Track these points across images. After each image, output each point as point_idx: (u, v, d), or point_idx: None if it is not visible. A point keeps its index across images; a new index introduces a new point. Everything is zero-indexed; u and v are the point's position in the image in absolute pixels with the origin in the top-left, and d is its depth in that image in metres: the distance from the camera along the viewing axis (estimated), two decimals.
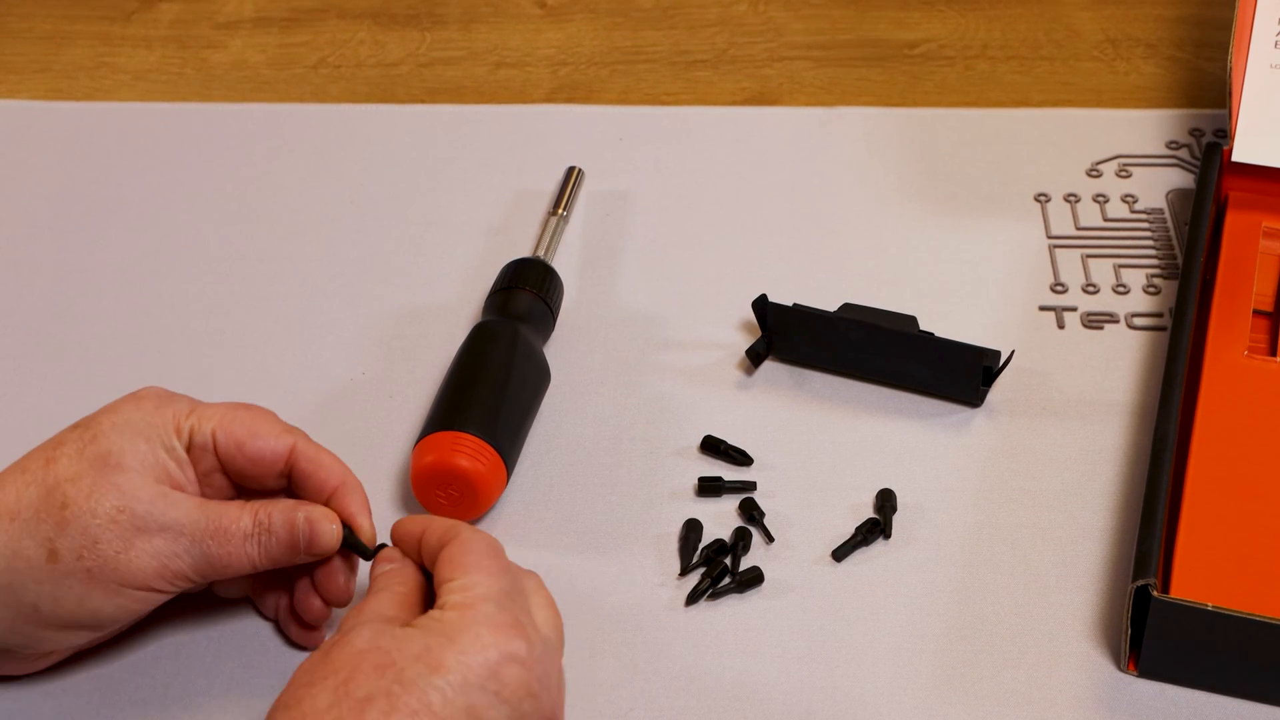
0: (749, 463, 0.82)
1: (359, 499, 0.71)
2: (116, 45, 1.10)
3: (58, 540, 0.66)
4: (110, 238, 0.95)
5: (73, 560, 0.66)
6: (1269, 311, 0.86)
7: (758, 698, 0.72)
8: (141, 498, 0.67)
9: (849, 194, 0.97)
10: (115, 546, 0.66)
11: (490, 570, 0.64)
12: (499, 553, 0.65)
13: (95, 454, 0.67)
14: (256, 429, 0.70)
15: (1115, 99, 1.04)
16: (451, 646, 0.61)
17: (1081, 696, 0.72)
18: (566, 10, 1.12)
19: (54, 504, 0.66)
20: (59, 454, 0.68)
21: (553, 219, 0.93)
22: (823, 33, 1.10)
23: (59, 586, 0.66)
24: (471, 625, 0.61)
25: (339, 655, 0.61)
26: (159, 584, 0.67)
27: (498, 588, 0.63)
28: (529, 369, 0.82)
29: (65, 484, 0.66)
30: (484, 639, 0.61)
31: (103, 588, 0.66)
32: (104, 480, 0.67)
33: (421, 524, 0.68)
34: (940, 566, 0.78)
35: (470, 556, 0.64)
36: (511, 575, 0.65)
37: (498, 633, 0.61)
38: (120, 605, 0.67)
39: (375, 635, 0.62)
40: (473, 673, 0.60)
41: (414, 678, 0.60)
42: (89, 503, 0.66)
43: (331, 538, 0.70)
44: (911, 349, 0.84)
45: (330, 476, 0.71)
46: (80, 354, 0.88)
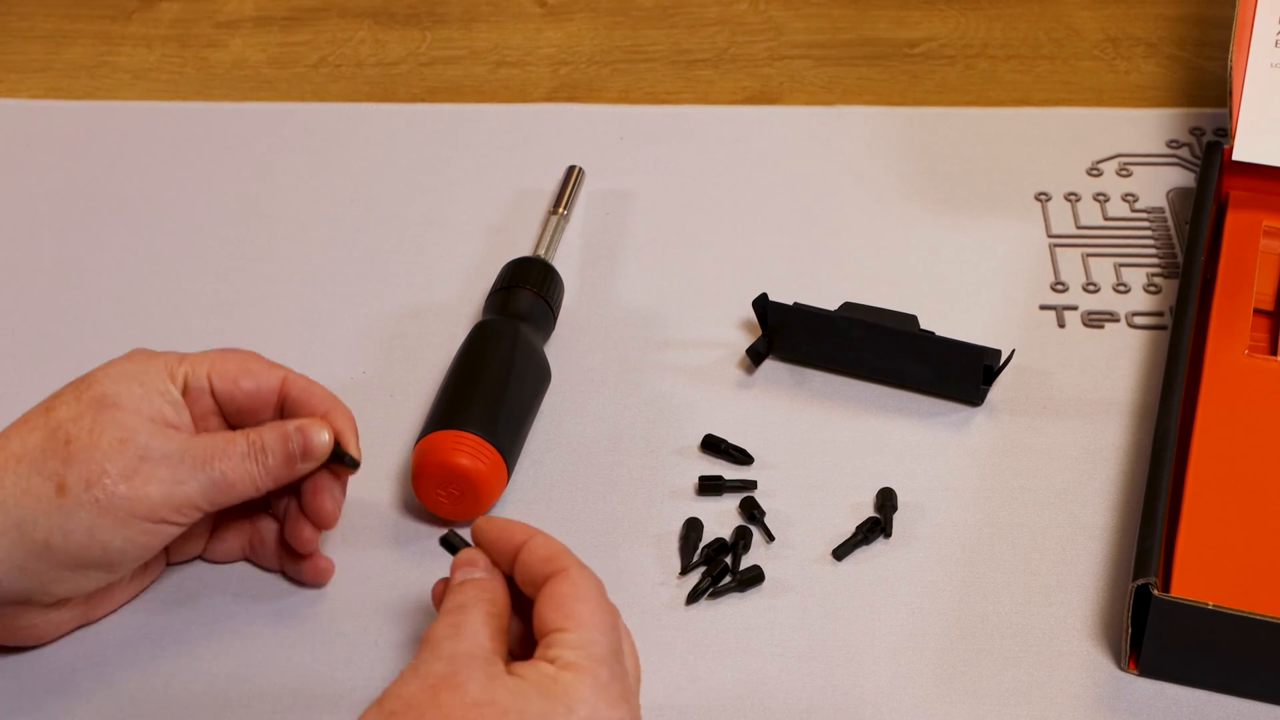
0: (749, 462, 0.82)
1: (347, 420, 0.73)
2: (117, 44, 1.10)
3: (65, 473, 0.67)
4: (111, 237, 0.95)
5: (81, 491, 0.67)
6: (1269, 310, 0.86)
7: (758, 696, 0.73)
8: (142, 430, 0.69)
9: (849, 193, 0.97)
10: (122, 474, 0.67)
11: (603, 627, 0.62)
12: (603, 598, 0.64)
13: (93, 397, 0.69)
14: (249, 366, 0.73)
15: (1116, 98, 1.04)
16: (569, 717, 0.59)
17: (1082, 695, 0.72)
18: (567, 9, 1.12)
19: (58, 441, 0.68)
20: (57, 402, 0.70)
21: (553, 218, 0.93)
22: (823, 32, 1.10)
23: (69, 519, 0.67)
24: (590, 696, 0.60)
25: (450, 701, 0.59)
26: (167, 512, 0.69)
27: (609, 648, 0.62)
28: (529, 368, 0.82)
29: (67, 423, 0.68)
30: (600, 713, 0.60)
31: (112, 518, 0.67)
32: (104, 416, 0.68)
33: (521, 535, 0.66)
34: (941, 565, 0.78)
35: (583, 605, 0.63)
36: (616, 629, 0.64)
37: (611, 706, 0.60)
38: (129, 538, 0.68)
39: (489, 684, 0.60)
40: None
41: None
42: (91, 437, 0.68)
43: (324, 439, 0.72)
44: (912, 348, 0.84)
45: (320, 404, 0.73)
46: (81, 353, 0.88)
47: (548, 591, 0.64)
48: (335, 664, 0.74)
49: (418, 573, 0.77)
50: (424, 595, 0.76)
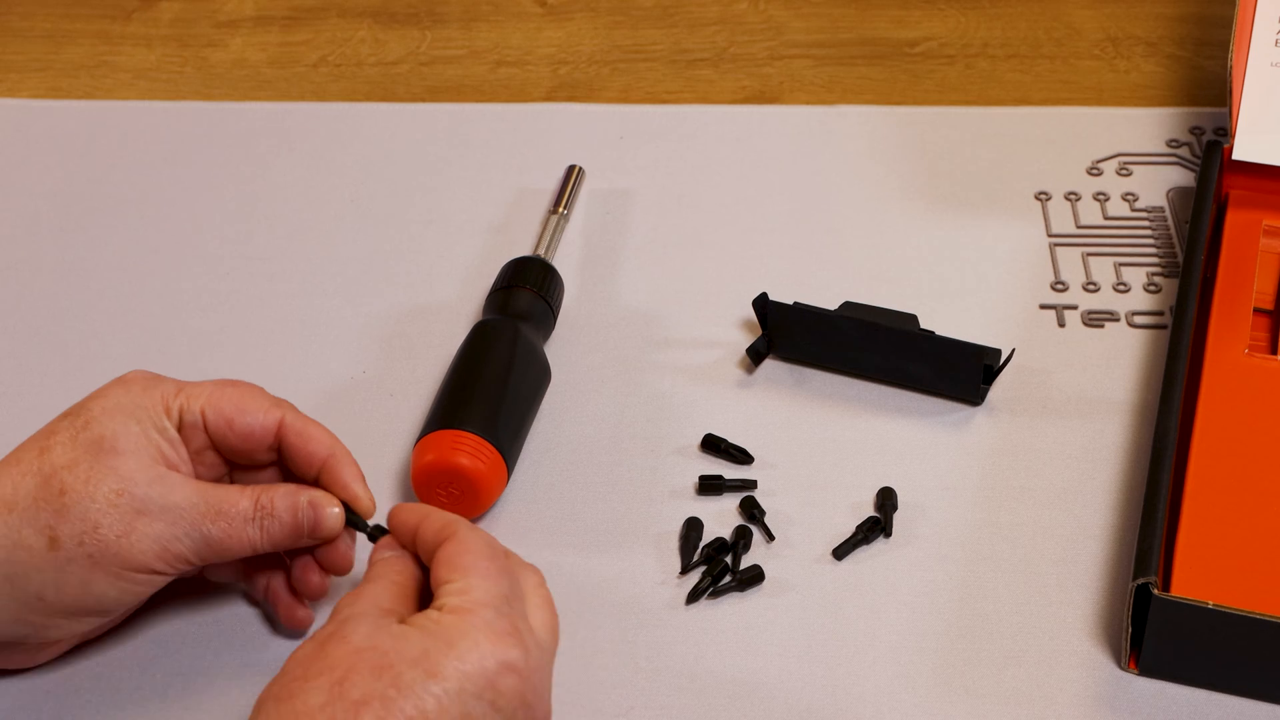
0: (749, 461, 0.82)
1: (351, 469, 0.71)
2: (117, 44, 1.10)
3: (58, 527, 0.66)
4: (110, 236, 0.95)
5: (74, 546, 0.66)
6: (1269, 310, 0.86)
7: (758, 696, 0.72)
8: (140, 480, 0.67)
9: (849, 192, 0.97)
10: (116, 530, 0.66)
11: (488, 573, 0.63)
12: (497, 552, 0.65)
13: (89, 440, 0.67)
14: (244, 405, 0.71)
15: (1116, 97, 1.04)
16: (450, 653, 0.60)
17: (1082, 694, 0.72)
18: (567, 9, 1.12)
19: (52, 491, 0.66)
20: (52, 443, 0.68)
21: (553, 217, 0.93)
22: (823, 31, 1.10)
23: (62, 573, 0.66)
24: (470, 631, 0.61)
25: (335, 651, 0.60)
26: (160, 566, 0.68)
27: (496, 592, 0.62)
28: (529, 367, 0.82)
29: (62, 471, 0.67)
30: (482, 647, 0.60)
31: (105, 572, 0.67)
32: (100, 464, 0.67)
33: (418, 515, 0.67)
34: (941, 565, 0.78)
35: (468, 557, 0.63)
36: (510, 577, 0.64)
37: (496, 641, 0.61)
38: (123, 588, 0.67)
39: (373, 632, 0.61)
40: (470, 681, 0.60)
41: (410, 683, 0.59)
42: (87, 488, 0.66)
43: (335, 521, 0.70)
44: (912, 347, 0.83)
45: (319, 448, 0.71)
46: (81, 352, 0.88)
47: (439, 554, 0.64)
48: None
49: None
50: None
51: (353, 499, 0.71)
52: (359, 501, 0.71)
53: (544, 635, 0.64)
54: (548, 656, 0.64)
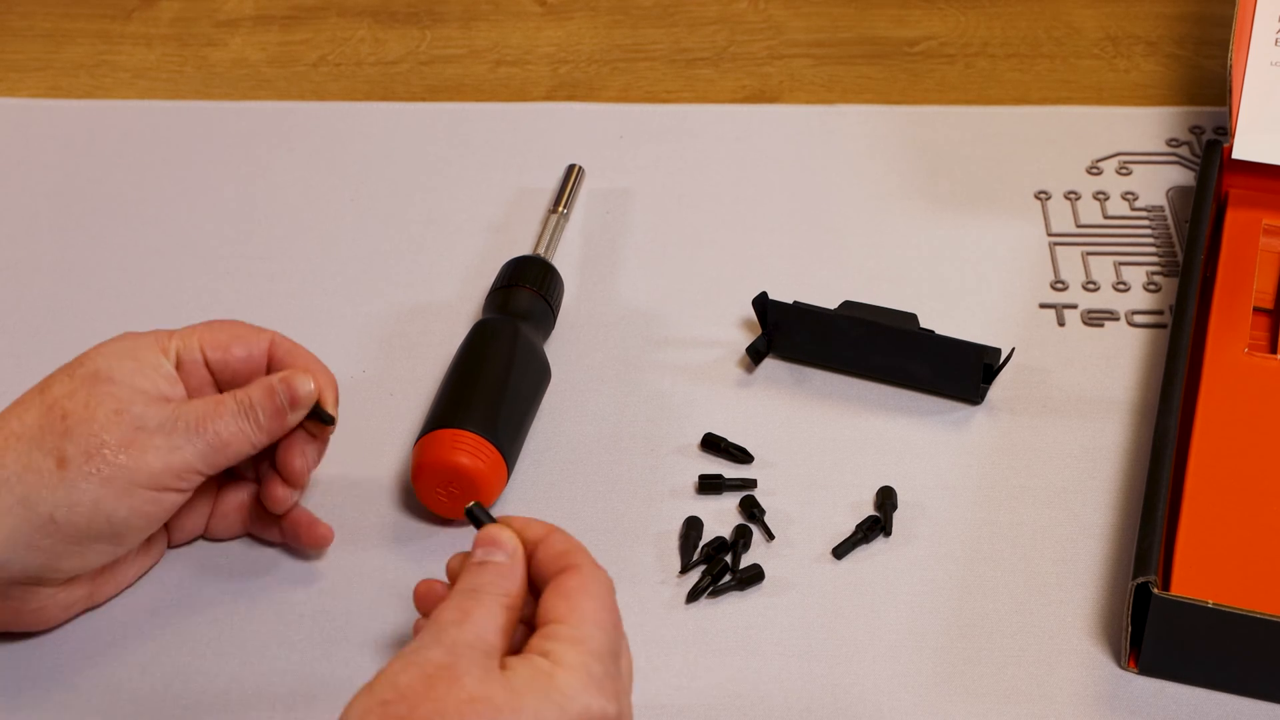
0: (749, 460, 0.82)
1: (327, 379, 0.75)
2: (117, 43, 1.10)
3: (65, 447, 0.68)
4: (110, 236, 0.95)
5: (82, 463, 0.68)
6: (1269, 309, 0.86)
7: (758, 695, 0.73)
8: (137, 401, 0.70)
9: (849, 192, 0.97)
10: (120, 445, 0.69)
11: (604, 625, 0.62)
12: (612, 597, 0.64)
13: (86, 373, 0.71)
14: (238, 333, 0.75)
15: (1115, 96, 1.04)
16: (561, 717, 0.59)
17: (1082, 694, 0.72)
18: (567, 8, 1.12)
19: (55, 417, 0.69)
20: (51, 382, 0.71)
21: (553, 217, 0.93)
22: (823, 30, 1.10)
23: (72, 492, 0.68)
24: (581, 694, 0.59)
25: (446, 695, 0.58)
26: (168, 479, 0.70)
27: (607, 647, 0.62)
28: (529, 367, 0.82)
29: (62, 399, 0.69)
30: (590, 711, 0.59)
31: (114, 489, 0.68)
32: (98, 390, 0.70)
33: (541, 531, 0.65)
34: (941, 564, 0.78)
35: (588, 601, 0.62)
36: (617, 627, 0.63)
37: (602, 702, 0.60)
38: (133, 507, 0.69)
39: (485, 680, 0.59)
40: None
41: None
42: (87, 410, 0.69)
43: (309, 387, 0.73)
44: (912, 346, 0.84)
45: (303, 361, 0.75)
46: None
47: (555, 583, 0.63)
48: (335, 662, 0.74)
49: (418, 571, 0.77)
50: None
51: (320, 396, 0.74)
52: (325, 398, 0.74)
53: (629, 682, 0.64)
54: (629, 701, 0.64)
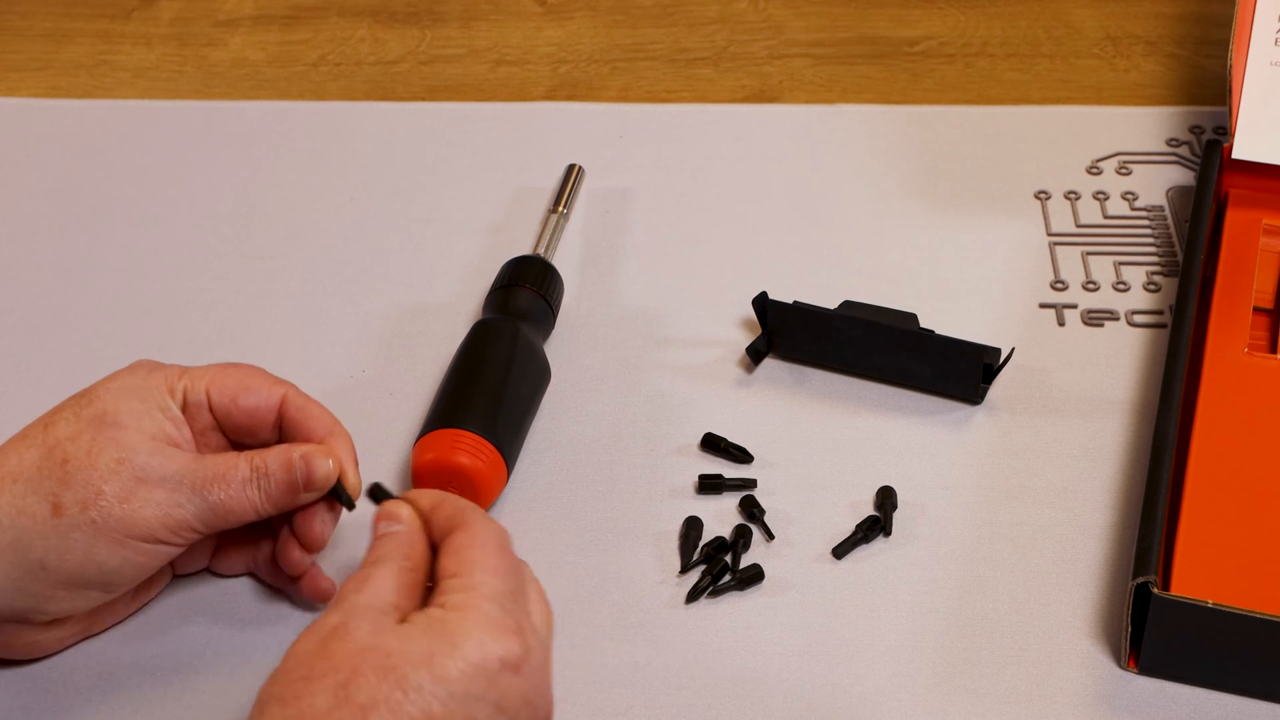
0: (749, 460, 0.82)
1: (347, 447, 0.72)
2: (116, 43, 1.10)
3: (61, 494, 0.67)
4: (110, 235, 0.95)
5: (77, 512, 0.67)
6: (1269, 309, 0.86)
7: (758, 695, 0.73)
8: (141, 450, 0.68)
9: (849, 191, 0.97)
10: (118, 496, 0.67)
11: (495, 569, 0.63)
12: (506, 546, 0.64)
13: (92, 415, 0.69)
14: (248, 383, 0.72)
15: (1115, 96, 1.04)
16: (454, 654, 0.60)
17: (1082, 693, 0.72)
18: (566, 8, 1.12)
19: (55, 461, 0.67)
20: (56, 418, 0.69)
21: (553, 217, 0.93)
22: (823, 30, 1.10)
23: (65, 540, 0.67)
24: (473, 631, 0.60)
25: (339, 650, 0.60)
26: (163, 534, 0.68)
27: (502, 588, 0.62)
28: (529, 367, 0.82)
29: (65, 442, 0.68)
30: (486, 647, 0.60)
31: (108, 539, 0.67)
32: (102, 436, 0.68)
33: (434, 499, 0.66)
34: (940, 564, 0.78)
35: (476, 551, 0.63)
36: (517, 573, 0.64)
37: (499, 638, 0.60)
38: (126, 558, 0.68)
39: (376, 631, 0.60)
40: (474, 683, 0.60)
41: (416, 685, 0.59)
42: (89, 457, 0.67)
43: (327, 471, 0.71)
44: (912, 346, 0.84)
45: (319, 425, 0.72)
46: (81, 351, 0.88)
47: (448, 543, 0.64)
48: None
49: None
50: None
51: (342, 475, 0.72)
52: (347, 479, 0.72)
53: (543, 629, 0.64)
54: (546, 650, 0.64)
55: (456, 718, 0.59)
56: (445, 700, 0.59)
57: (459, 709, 0.59)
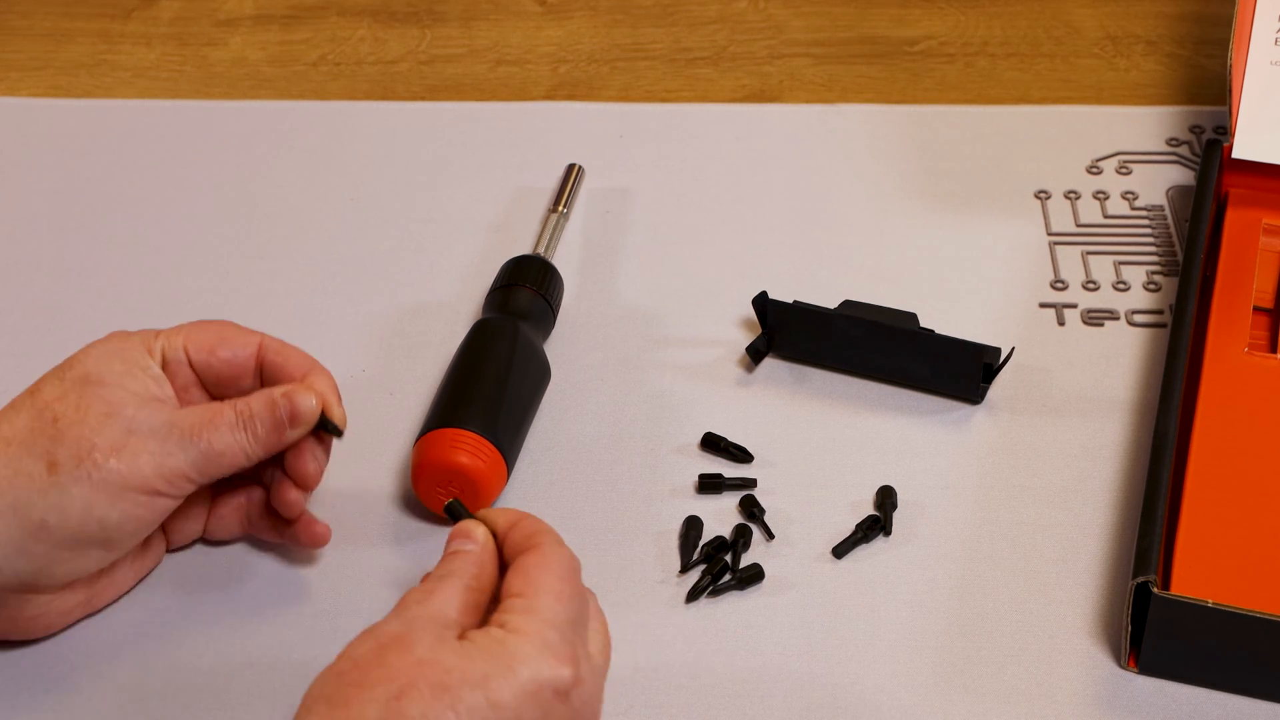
0: (749, 460, 0.82)
1: (327, 381, 0.74)
2: (117, 42, 1.10)
3: (55, 451, 0.68)
4: (111, 235, 0.95)
5: (73, 467, 0.67)
6: (1269, 308, 0.86)
7: (758, 694, 0.72)
8: (129, 404, 0.69)
9: (849, 191, 0.97)
10: (111, 448, 0.68)
11: (560, 594, 0.63)
12: (574, 573, 0.64)
13: (76, 376, 0.70)
14: (224, 335, 0.74)
15: (1115, 96, 1.04)
16: (510, 678, 0.59)
17: (1082, 693, 0.72)
18: (567, 7, 1.12)
19: (45, 421, 0.68)
20: (41, 385, 0.71)
21: (553, 216, 0.93)
22: (823, 30, 1.10)
23: (63, 496, 0.67)
24: (532, 656, 0.60)
25: (396, 661, 0.60)
26: (160, 484, 0.69)
27: (564, 615, 0.62)
28: (529, 366, 0.82)
29: (53, 403, 0.69)
30: (542, 673, 0.60)
31: (105, 492, 0.68)
32: (88, 393, 0.69)
33: (511, 518, 0.67)
34: (940, 563, 0.78)
35: (544, 574, 0.63)
36: (581, 600, 0.64)
37: (555, 667, 0.60)
38: (125, 511, 0.69)
39: (436, 646, 0.60)
40: (526, 709, 0.59)
41: (470, 706, 0.59)
42: (78, 413, 0.68)
43: (311, 404, 0.72)
44: (912, 346, 0.84)
45: (297, 366, 0.74)
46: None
47: (517, 563, 0.64)
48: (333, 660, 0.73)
49: (417, 570, 0.77)
50: None
51: (326, 407, 0.73)
52: (331, 409, 0.73)
53: (599, 659, 0.64)
54: (599, 681, 0.64)
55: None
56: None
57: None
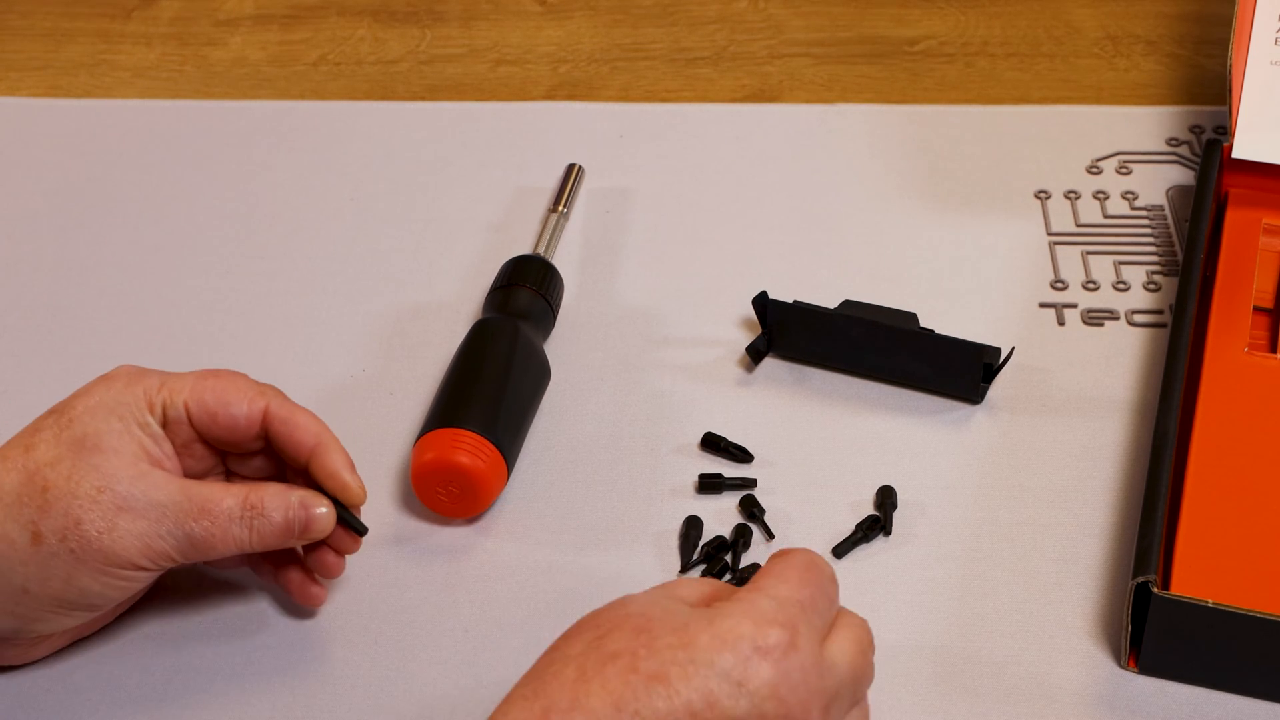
0: (749, 460, 0.82)
1: (339, 456, 0.71)
2: (116, 42, 1.10)
3: (41, 522, 0.66)
4: (110, 235, 0.95)
5: (56, 541, 0.66)
6: (1269, 308, 0.86)
7: None
8: (122, 477, 0.67)
9: (849, 191, 0.97)
10: (98, 526, 0.66)
11: (790, 579, 0.62)
12: (812, 567, 0.64)
13: (72, 438, 0.68)
14: (227, 396, 0.70)
15: (1115, 96, 1.04)
16: (709, 628, 0.60)
17: (1082, 693, 0.72)
18: (566, 7, 1.12)
19: (35, 488, 0.66)
20: (36, 440, 0.68)
21: (553, 216, 0.93)
22: (823, 29, 1.10)
23: (45, 568, 0.66)
24: (737, 614, 0.60)
25: (611, 612, 0.62)
26: (143, 562, 0.68)
27: (787, 594, 0.62)
28: (529, 366, 0.82)
29: (45, 468, 0.67)
30: (743, 628, 0.60)
31: (88, 567, 0.67)
32: (83, 462, 0.67)
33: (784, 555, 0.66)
34: (940, 563, 0.78)
35: (779, 565, 0.63)
36: (819, 591, 0.63)
37: (760, 625, 0.60)
38: (106, 583, 0.68)
39: (652, 603, 0.62)
40: (721, 658, 0.59)
41: (662, 648, 0.59)
42: (69, 484, 0.66)
43: (326, 522, 0.70)
44: (912, 346, 0.83)
45: (305, 436, 0.71)
46: (80, 351, 0.88)
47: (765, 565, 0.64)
48: (334, 661, 0.74)
49: (417, 570, 0.77)
50: (423, 592, 0.76)
51: (342, 487, 0.71)
52: (349, 490, 0.71)
53: (837, 659, 0.62)
54: (826, 673, 0.61)
55: (693, 685, 0.59)
56: (684, 665, 0.59)
57: (697, 676, 0.59)
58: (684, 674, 0.59)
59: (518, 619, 0.75)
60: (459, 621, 0.75)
